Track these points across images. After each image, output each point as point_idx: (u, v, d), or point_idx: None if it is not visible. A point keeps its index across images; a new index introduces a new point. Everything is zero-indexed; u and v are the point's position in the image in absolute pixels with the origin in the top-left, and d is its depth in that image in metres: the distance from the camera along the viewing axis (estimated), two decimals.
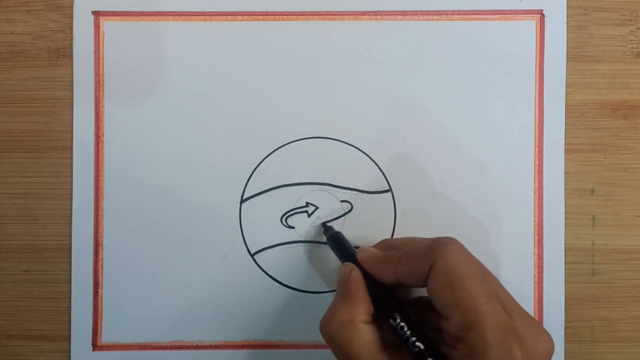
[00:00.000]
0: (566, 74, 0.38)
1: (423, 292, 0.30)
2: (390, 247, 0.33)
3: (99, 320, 0.37)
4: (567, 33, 0.38)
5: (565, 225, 0.38)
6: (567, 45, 0.38)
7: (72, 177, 0.38)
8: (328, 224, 0.37)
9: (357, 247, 0.34)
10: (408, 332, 0.28)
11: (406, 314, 0.29)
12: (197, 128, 0.38)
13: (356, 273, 0.31)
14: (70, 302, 0.37)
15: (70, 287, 0.38)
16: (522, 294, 0.37)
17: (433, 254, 0.28)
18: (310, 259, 0.37)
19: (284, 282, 0.37)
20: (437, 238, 0.30)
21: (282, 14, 0.38)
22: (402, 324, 0.29)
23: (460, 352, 0.27)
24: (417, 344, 0.28)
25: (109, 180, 0.38)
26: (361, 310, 0.30)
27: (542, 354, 0.27)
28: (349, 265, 0.32)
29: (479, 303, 0.27)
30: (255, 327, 0.37)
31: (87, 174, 0.38)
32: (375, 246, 0.35)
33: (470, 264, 0.28)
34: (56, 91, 0.38)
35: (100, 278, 0.37)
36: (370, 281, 0.31)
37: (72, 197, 0.38)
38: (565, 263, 0.38)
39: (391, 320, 0.29)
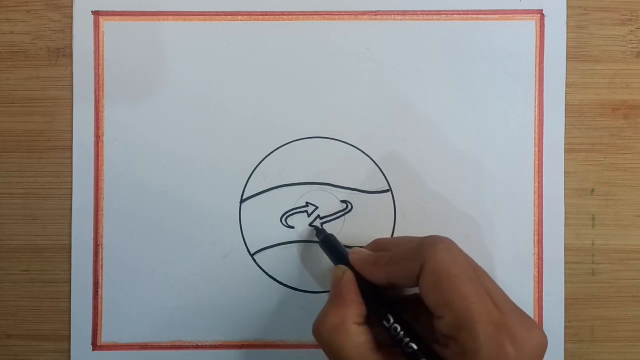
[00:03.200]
0: (566, 74, 0.38)
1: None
2: (382, 247, 0.33)
3: (99, 320, 0.37)
4: (567, 33, 0.38)
5: (565, 225, 0.38)
6: (567, 45, 0.38)
7: (72, 177, 0.38)
8: (320, 227, 0.37)
9: (349, 248, 0.34)
10: (401, 333, 0.28)
11: (399, 315, 0.29)
12: (197, 128, 0.38)
13: (348, 275, 0.31)
14: (70, 302, 0.37)
15: (70, 287, 0.38)
16: (522, 294, 0.37)
17: (422, 255, 0.28)
18: (311, 259, 0.37)
19: (284, 282, 0.37)
20: (426, 238, 0.30)
21: (282, 14, 0.38)
22: (396, 325, 0.29)
23: (453, 351, 0.27)
24: (411, 344, 0.28)
25: (109, 180, 0.38)
26: (353, 312, 0.30)
27: (534, 349, 0.26)
28: (342, 267, 0.32)
29: (470, 302, 0.27)
30: (255, 327, 0.37)
31: (87, 174, 0.38)
32: (367, 247, 0.35)
33: (459, 263, 0.28)
34: (56, 91, 0.38)
35: (100, 278, 0.37)
36: (363, 283, 0.31)
37: (72, 197, 0.38)
38: (565, 263, 0.38)
39: (384, 322, 0.29)
